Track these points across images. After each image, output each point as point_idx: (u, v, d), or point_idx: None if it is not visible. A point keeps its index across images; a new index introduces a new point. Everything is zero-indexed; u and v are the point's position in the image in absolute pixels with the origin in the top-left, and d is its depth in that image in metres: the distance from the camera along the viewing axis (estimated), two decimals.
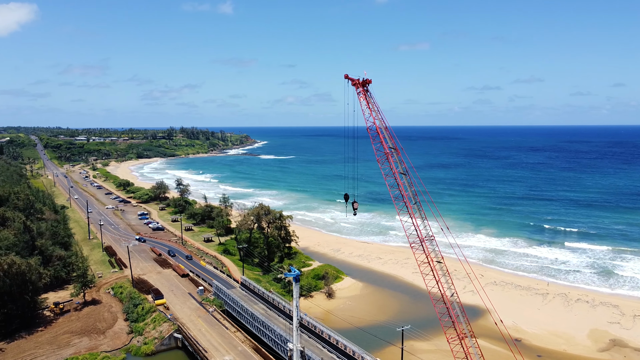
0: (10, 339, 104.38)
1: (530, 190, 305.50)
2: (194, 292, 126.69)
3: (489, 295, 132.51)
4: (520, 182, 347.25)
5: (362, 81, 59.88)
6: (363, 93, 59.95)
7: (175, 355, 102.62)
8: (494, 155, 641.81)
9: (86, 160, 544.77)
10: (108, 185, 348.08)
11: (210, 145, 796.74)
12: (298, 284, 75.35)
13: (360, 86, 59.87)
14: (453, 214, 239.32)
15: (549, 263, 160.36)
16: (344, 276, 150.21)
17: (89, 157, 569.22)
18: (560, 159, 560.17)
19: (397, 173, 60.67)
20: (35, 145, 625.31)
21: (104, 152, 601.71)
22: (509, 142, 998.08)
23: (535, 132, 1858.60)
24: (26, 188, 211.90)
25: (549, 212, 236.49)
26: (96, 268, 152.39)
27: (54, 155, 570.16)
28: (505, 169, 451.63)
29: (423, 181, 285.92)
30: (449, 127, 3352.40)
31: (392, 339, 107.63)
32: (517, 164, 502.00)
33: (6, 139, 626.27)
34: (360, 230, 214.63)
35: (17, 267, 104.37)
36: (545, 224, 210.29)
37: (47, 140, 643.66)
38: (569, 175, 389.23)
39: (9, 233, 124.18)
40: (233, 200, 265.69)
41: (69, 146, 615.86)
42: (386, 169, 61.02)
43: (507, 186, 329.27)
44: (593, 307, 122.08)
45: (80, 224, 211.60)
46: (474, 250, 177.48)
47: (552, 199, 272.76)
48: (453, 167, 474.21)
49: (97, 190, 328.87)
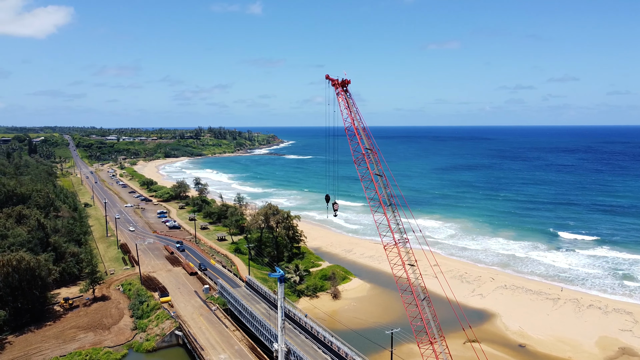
0: (19, 332, 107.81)
1: (557, 194, 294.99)
2: (200, 290, 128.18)
3: (497, 299, 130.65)
4: (547, 185, 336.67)
5: (342, 82, 59.42)
6: (342, 94, 59.49)
7: (176, 353, 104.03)
8: (523, 156, 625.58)
9: (115, 160, 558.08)
10: (132, 184, 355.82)
11: (237, 145, 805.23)
12: (283, 284, 75.29)
13: (339, 86, 59.42)
14: (473, 216, 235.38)
15: (565, 268, 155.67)
16: (352, 277, 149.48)
17: (118, 156, 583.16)
18: (592, 160, 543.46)
19: (373, 174, 59.87)
20: (68, 144, 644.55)
21: (133, 152, 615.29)
22: (541, 143, 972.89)
23: (569, 132, 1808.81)
24: (48, 186, 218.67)
25: (573, 217, 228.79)
26: (109, 265, 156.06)
27: (85, 154, 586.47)
28: (533, 170, 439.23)
29: (447, 182, 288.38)
30: (480, 127, 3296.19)
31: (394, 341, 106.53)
32: (546, 165, 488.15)
33: (41, 139, 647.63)
34: (373, 231, 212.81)
35: (26, 263, 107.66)
36: (567, 229, 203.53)
37: (79, 139, 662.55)
38: (599, 177, 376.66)
39: (22, 230, 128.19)
40: (250, 200, 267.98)
41: (99, 145, 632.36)
42: (362, 169, 60.37)
43: (532, 189, 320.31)
44: (605, 314, 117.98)
45: (100, 221, 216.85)
46: (489, 254, 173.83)
47: (577, 203, 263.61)
48: (479, 169, 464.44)
49: (121, 188, 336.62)
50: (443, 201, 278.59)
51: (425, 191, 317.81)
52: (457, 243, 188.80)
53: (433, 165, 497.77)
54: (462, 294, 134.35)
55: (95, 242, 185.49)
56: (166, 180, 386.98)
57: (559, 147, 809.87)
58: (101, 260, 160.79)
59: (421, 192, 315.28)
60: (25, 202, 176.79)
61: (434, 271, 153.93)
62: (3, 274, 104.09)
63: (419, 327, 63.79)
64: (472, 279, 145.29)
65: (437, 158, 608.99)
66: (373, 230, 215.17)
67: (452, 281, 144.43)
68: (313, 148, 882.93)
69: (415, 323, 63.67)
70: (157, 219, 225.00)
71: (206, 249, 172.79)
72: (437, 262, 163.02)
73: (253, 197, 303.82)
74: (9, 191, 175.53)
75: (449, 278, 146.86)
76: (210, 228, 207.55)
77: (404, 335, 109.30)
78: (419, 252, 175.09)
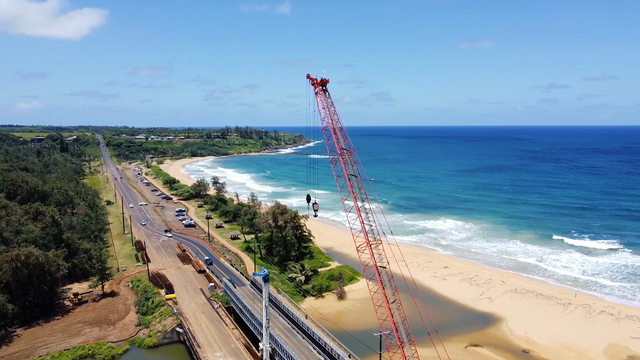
0: (28, 325, 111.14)
1: (583, 198, 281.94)
2: (205, 288, 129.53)
3: (505, 303, 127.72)
4: (574, 189, 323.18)
5: (320, 81, 59.03)
6: (321, 93, 59.10)
7: (177, 349, 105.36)
8: (554, 157, 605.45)
9: (143, 158, 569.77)
10: (156, 182, 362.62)
11: (263, 145, 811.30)
12: (267, 284, 75.27)
13: (318, 86, 59.03)
14: (492, 219, 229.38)
15: (582, 273, 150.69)
16: (360, 277, 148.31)
17: (146, 155, 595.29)
18: (626, 162, 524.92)
19: (348, 174, 59.22)
20: (98, 143, 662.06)
21: (161, 151, 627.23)
22: (575, 144, 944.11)
23: (605, 132, 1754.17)
24: (70, 184, 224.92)
25: (597, 221, 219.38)
26: (122, 261, 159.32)
27: (114, 153, 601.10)
28: (563, 172, 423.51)
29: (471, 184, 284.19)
30: (512, 127, 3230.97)
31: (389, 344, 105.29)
32: (577, 167, 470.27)
33: (73, 137, 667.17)
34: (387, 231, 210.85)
35: (35, 259, 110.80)
36: (588, 234, 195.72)
37: (109, 138, 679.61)
38: (630, 181, 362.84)
39: (35, 226, 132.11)
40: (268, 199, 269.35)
41: (128, 144, 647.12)
42: (338, 169, 59.78)
43: (559, 192, 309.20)
44: (617, 320, 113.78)
45: (120, 218, 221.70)
46: (504, 257, 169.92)
47: (602, 207, 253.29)
48: (506, 170, 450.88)
49: (145, 186, 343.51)
50: (464, 203, 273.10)
51: (447, 193, 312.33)
52: (472, 245, 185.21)
53: (459, 167, 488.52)
54: (470, 296, 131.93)
55: (112, 238, 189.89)
56: (189, 178, 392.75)
57: (593, 148, 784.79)
58: (115, 257, 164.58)
59: (443, 193, 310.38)
60: (45, 199, 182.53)
61: (442, 273, 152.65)
62: (12, 268, 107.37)
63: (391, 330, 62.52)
64: (482, 282, 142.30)
65: (465, 159, 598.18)
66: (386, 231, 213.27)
67: (461, 284, 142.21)
68: None
69: (385, 326, 62.52)
70: (175, 217, 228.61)
71: (218, 247, 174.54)
72: (448, 264, 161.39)
73: (272, 197, 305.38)
74: (31, 188, 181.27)
75: (458, 280, 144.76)
76: (225, 227, 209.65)
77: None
78: (429, 254, 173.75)
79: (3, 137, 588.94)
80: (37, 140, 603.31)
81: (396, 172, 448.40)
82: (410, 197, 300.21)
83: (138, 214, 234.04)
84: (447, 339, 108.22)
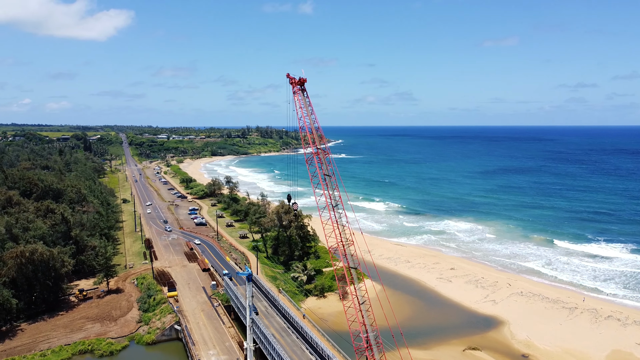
0: (33, 320, 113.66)
1: (605, 202, 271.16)
2: (208, 286, 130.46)
3: (509, 306, 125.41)
4: (597, 192, 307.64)
5: (298, 80, 58.78)
6: (299, 92, 58.88)
7: (174, 346, 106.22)
8: (579, 159, 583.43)
9: (164, 157, 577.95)
10: (173, 181, 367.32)
11: (283, 144, 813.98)
12: (250, 283, 75.32)
13: (296, 85, 58.82)
14: (508, 221, 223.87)
15: (591, 277, 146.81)
16: (364, 278, 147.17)
17: (167, 154, 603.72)
18: None
19: (322, 174, 58.83)
20: (121, 142, 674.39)
21: (182, 150, 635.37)
22: (603, 144, 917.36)
23: (636, 132, 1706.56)
24: (86, 182, 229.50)
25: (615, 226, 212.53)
26: (131, 259, 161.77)
27: (136, 152, 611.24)
28: (587, 175, 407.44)
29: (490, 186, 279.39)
30: (538, 127, 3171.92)
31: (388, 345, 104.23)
32: (603, 169, 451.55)
33: (97, 137, 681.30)
34: (397, 232, 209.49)
35: (40, 255, 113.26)
36: (605, 238, 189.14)
37: (132, 137, 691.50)
38: None
39: (43, 223, 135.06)
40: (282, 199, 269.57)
41: (150, 144, 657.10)
42: (313, 169, 59.42)
43: (580, 194, 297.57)
44: (624, 326, 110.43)
45: (134, 217, 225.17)
46: (515, 259, 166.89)
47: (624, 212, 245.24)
48: (528, 172, 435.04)
49: (162, 185, 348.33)
50: (479, 205, 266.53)
51: (463, 195, 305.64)
52: (482, 247, 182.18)
53: (479, 168, 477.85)
54: (474, 299, 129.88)
55: (124, 236, 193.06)
56: (207, 177, 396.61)
57: (621, 149, 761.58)
58: (124, 254, 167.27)
59: (458, 195, 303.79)
60: (60, 197, 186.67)
61: (448, 275, 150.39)
62: (17, 264, 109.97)
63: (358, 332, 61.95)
64: (488, 284, 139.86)
65: (486, 160, 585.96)
66: (396, 232, 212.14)
67: (466, 286, 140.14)
68: (359, 147, 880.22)
69: (353, 328, 61.93)
70: (187, 216, 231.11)
71: (226, 245, 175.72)
72: (455, 265, 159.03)
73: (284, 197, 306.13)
74: (45, 187, 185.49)
75: (464, 282, 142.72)
76: (235, 225, 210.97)
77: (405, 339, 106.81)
78: (437, 255, 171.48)
79: (30, 137, 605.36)
80: (62, 140, 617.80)
81: (413, 173, 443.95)
82: (424, 198, 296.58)
83: (152, 213, 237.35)
84: (446, 342, 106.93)
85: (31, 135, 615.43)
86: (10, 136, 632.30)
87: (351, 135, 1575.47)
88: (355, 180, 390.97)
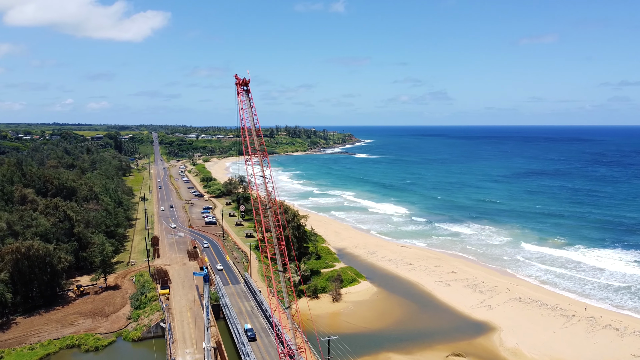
0: (29, 314, 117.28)
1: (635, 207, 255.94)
2: (201, 284, 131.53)
3: (504, 312, 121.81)
4: (637, 199, 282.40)
5: (242, 81, 58.61)
6: (242, 93, 58.71)
7: (158, 343, 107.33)
8: (619, 161, 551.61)
9: (191, 156, 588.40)
10: (195, 180, 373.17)
11: (311, 144, 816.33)
12: (207, 284, 75.50)
13: (240, 86, 58.65)
14: (526, 226, 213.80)
15: (602, 287, 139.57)
16: (362, 280, 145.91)
17: (195, 153, 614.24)
18: None
19: (257, 175, 58.42)
20: (152, 141, 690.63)
21: (209, 149, 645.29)
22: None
23: None
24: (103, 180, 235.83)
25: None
26: (135, 256, 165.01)
27: (165, 151, 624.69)
28: (624, 178, 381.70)
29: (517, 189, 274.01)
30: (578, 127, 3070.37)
31: (371, 349, 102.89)
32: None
33: (129, 136, 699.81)
34: (406, 234, 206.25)
35: (35, 251, 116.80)
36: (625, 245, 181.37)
37: (162, 137, 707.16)
38: None
39: (46, 220, 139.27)
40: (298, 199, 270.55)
41: (180, 143, 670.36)
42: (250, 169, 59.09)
43: (616, 202, 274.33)
44: (621, 336, 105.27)
45: (147, 214, 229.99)
46: (522, 264, 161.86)
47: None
48: (560, 175, 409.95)
49: (184, 184, 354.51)
50: (501, 209, 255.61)
51: (486, 197, 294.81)
52: (490, 251, 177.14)
53: (508, 170, 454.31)
54: (469, 303, 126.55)
55: (134, 233, 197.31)
56: (229, 176, 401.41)
57: None
58: (129, 251, 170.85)
59: (481, 198, 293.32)
60: (73, 195, 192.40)
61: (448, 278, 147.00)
62: (13, 259, 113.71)
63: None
64: (487, 288, 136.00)
65: (517, 161, 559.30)
66: (405, 234, 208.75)
67: (464, 290, 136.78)
68: (387, 147, 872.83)
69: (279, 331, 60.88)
70: (200, 214, 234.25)
71: (230, 244, 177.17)
72: (457, 269, 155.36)
73: (300, 196, 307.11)
74: (60, 185, 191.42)
75: (462, 286, 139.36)
76: (244, 224, 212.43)
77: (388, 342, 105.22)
78: (441, 257, 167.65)
79: (65, 136, 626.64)
80: (96, 139, 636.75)
81: (436, 174, 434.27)
82: (442, 201, 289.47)
83: (166, 211, 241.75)
84: (430, 347, 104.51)
85: (67, 135, 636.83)
86: (48, 135, 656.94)
87: (382, 135, 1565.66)
88: (373, 181, 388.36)
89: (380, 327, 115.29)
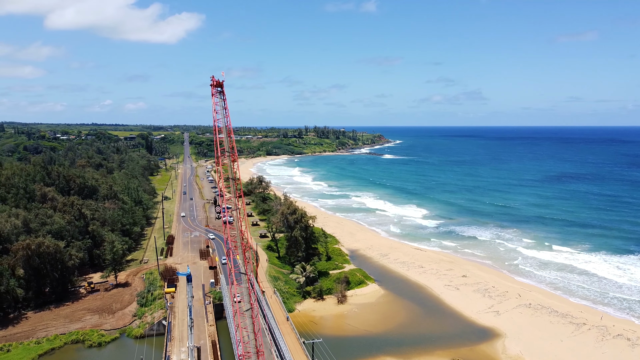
0: (39, 309, 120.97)
1: None
2: (208, 283, 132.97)
3: (512, 318, 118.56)
4: None
5: (216, 82, 59.12)
6: (217, 94, 59.13)
7: (159, 341, 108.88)
8: None
9: None
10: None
11: (339, 144, 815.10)
12: (190, 284, 75.83)
13: (214, 87, 59.10)
14: (549, 230, 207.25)
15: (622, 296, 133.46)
16: (370, 282, 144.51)
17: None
18: None
19: (226, 176, 58.46)
20: (183, 141, 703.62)
21: (238, 149, 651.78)
22: None
23: None
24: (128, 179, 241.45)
25: None
26: (149, 254, 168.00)
27: (194, 151, 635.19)
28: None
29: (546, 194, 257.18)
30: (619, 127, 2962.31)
31: (368, 352, 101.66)
32: None
33: (161, 136, 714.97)
34: (421, 237, 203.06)
35: (46, 248, 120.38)
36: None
37: (193, 137, 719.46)
38: None
39: (62, 218, 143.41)
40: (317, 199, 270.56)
41: (209, 143, 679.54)
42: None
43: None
44: (632, 347, 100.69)
45: (167, 213, 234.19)
46: (533, 269, 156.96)
47: None
48: (594, 179, 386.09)
49: (208, 183, 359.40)
50: (527, 214, 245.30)
51: (512, 201, 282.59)
52: (506, 255, 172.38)
53: (540, 173, 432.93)
54: (477, 309, 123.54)
55: (152, 232, 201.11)
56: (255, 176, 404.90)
57: None
58: (144, 250, 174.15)
59: (507, 202, 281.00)
60: (94, 194, 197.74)
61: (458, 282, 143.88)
62: (24, 256, 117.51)
63: None
64: (497, 294, 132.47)
65: (551, 163, 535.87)
66: (420, 236, 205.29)
67: (473, 294, 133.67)
68: (416, 149, 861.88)
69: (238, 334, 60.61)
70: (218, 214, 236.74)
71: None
72: (468, 272, 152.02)
73: (320, 197, 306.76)
74: (81, 183, 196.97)
75: (471, 291, 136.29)
76: (260, 224, 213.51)
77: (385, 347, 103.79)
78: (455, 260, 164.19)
79: (100, 136, 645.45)
80: (129, 139, 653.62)
81: (464, 177, 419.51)
82: (464, 203, 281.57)
83: (186, 211, 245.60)
84: (430, 352, 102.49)
85: (101, 134, 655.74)
86: (84, 135, 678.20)
87: (412, 135, 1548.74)
88: (395, 183, 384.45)
89: (382, 331, 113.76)
